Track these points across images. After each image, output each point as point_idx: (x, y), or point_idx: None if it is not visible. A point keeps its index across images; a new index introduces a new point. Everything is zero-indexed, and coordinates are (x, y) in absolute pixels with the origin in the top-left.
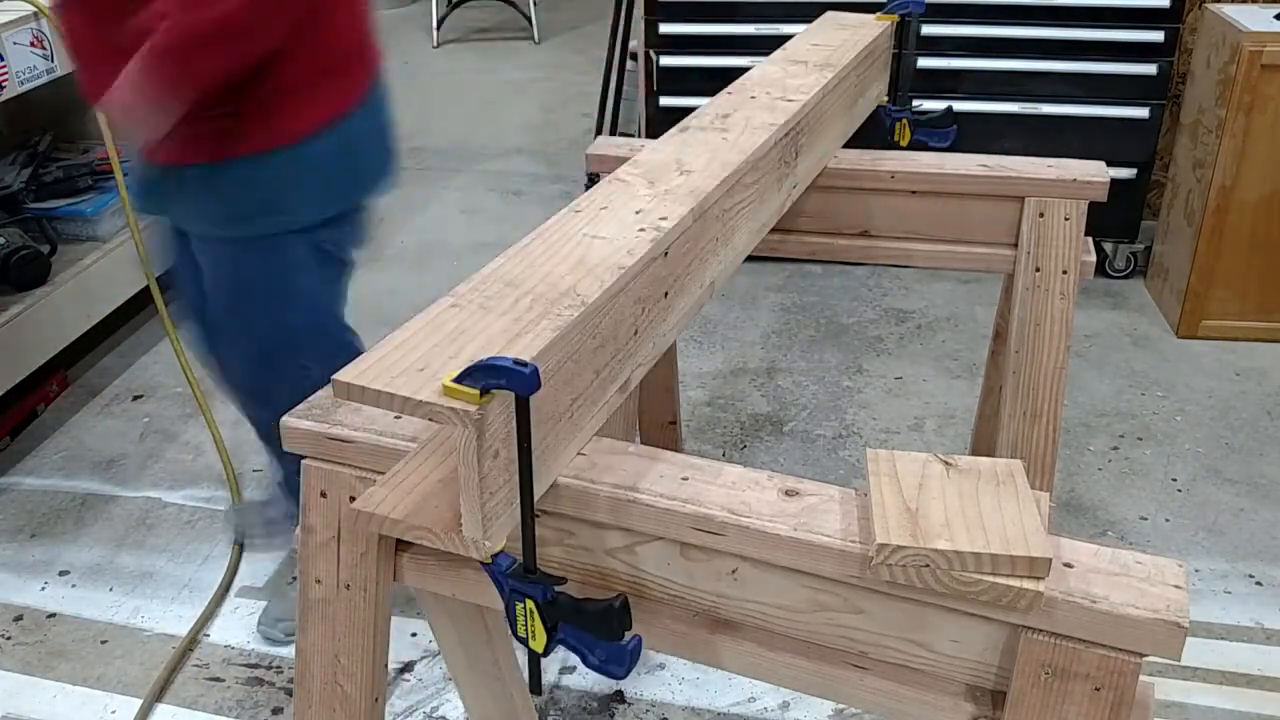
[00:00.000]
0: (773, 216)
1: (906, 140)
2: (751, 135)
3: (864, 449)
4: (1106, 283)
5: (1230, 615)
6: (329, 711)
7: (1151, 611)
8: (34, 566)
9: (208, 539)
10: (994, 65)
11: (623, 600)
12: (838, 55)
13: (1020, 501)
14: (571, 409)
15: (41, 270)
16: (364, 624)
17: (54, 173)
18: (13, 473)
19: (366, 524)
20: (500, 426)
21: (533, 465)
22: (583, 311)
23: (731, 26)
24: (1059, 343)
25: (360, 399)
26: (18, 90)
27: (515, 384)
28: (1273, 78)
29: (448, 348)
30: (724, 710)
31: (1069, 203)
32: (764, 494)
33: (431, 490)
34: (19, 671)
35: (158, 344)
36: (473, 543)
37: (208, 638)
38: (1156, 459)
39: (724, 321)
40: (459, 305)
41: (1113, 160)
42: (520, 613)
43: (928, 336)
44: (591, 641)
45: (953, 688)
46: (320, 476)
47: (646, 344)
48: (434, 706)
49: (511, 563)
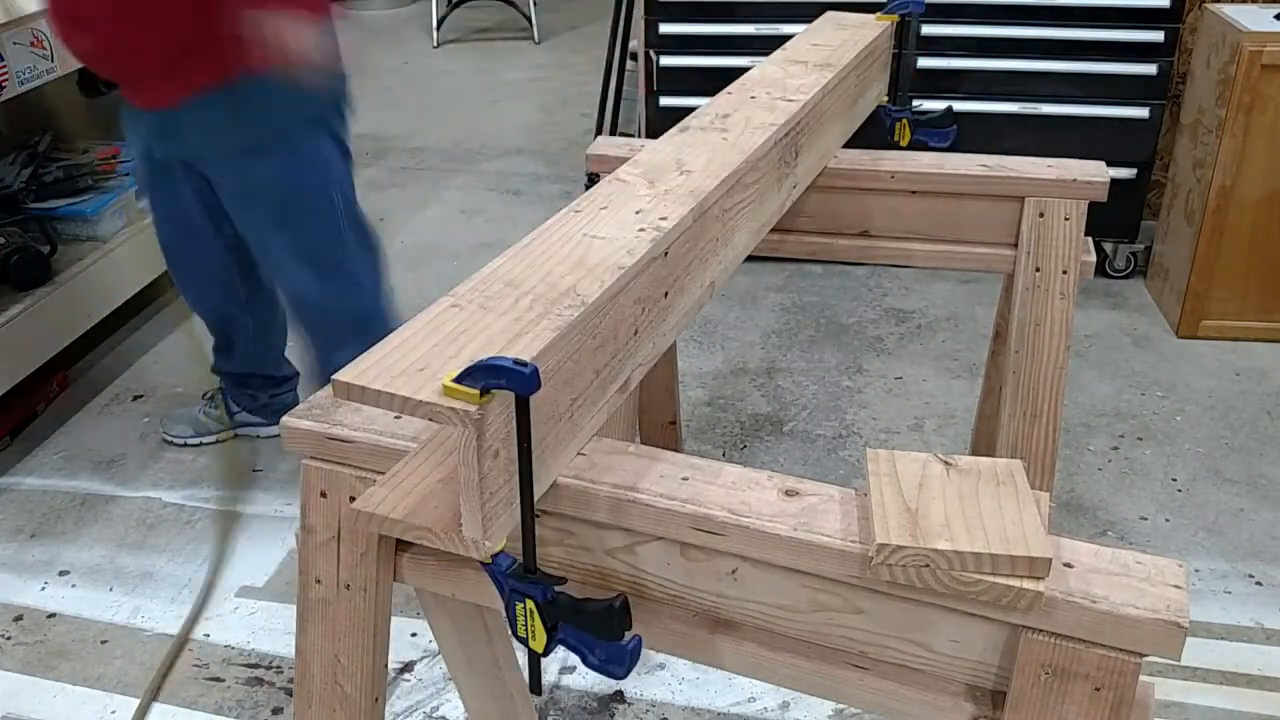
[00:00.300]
0: (773, 216)
1: (906, 140)
2: (751, 135)
3: (864, 449)
4: (1106, 283)
5: (1230, 615)
6: (329, 711)
7: (1151, 611)
8: (34, 566)
9: (208, 539)
10: (994, 65)
11: (623, 600)
12: (838, 55)
13: (1020, 501)
14: (571, 409)
15: (41, 270)
16: (364, 624)
17: (54, 173)
18: (13, 473)
19: (366, 524)
20: (500, 426)
21: (533, 465)
22: (583, 311)
23: (731, 26)
24: (1059, 343)
25: (360, 399)
26: (18, 90)
27: (515, 384)
28: (1273, 78)
29: (448, 348)
30: (724, 710)
31: (1069, 203)
32: (764, 494)
33: (431, 490)
34: (19, 671)
35: (158, 344)
36: (473, 543)
37: (208, 638)
38: (1156, 459)
39: (724, 321)
40: (459, 305)
41: (1113, 160)
42: (520, 613)
43: (928, 336)
44: (591, 641)
45: (953, 688)
46: (320, 476)
47: (646, 344)
48: (434, 706)
49: (511, 563)
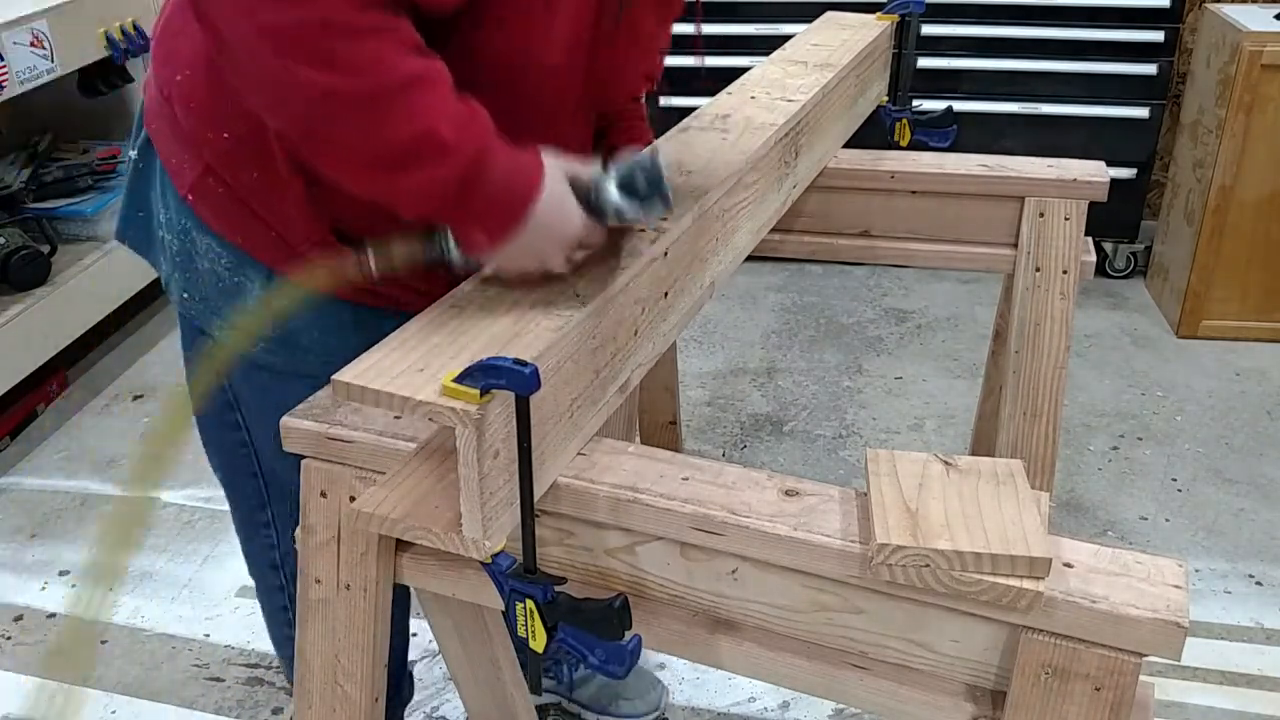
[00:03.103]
0: (773, 216)
1: (906, 140)
2: (752, 135)
3: (864, 449)
4: (1106, 283)
5: (1230, 615)
6: (329, 711)
7: (1151, 611)
8: (34, 566)
9: (208, 539)
10: (994, 65)
11: (623, 600)
12: (837, 55)
13: (1020, 501)
14: (571, 409)
15: (41, 270)
16: (364, 624)
17: (54, 173)
18: (13, 473)
19: (366, 524)
20: (500, 426)
21: (533, 465)
22: (583, 312)
23: (731, 26)
24: (1059, 343)
25: (360, 399)
26: (18, 90)
27: (515, 384)
28: (1273, 78)
29: (447, 348)
30: (724, 710)
31: (1069, 203)
32: (764, 494)
33: (431, 490)
34: (19, 671)
35: (158, 344)
36: (473, 542)
37: (208, 638)
38: (1156, 459)
39: (724, 321)
40: (459, 306)
41: (1113, 160)
42: (520, 613)
43: (928, 336)
44: (592, 641)
45: (953, 688)
46: (320, 476)
47: (646, 344)
48: (434, 706)
49: (511, 563)
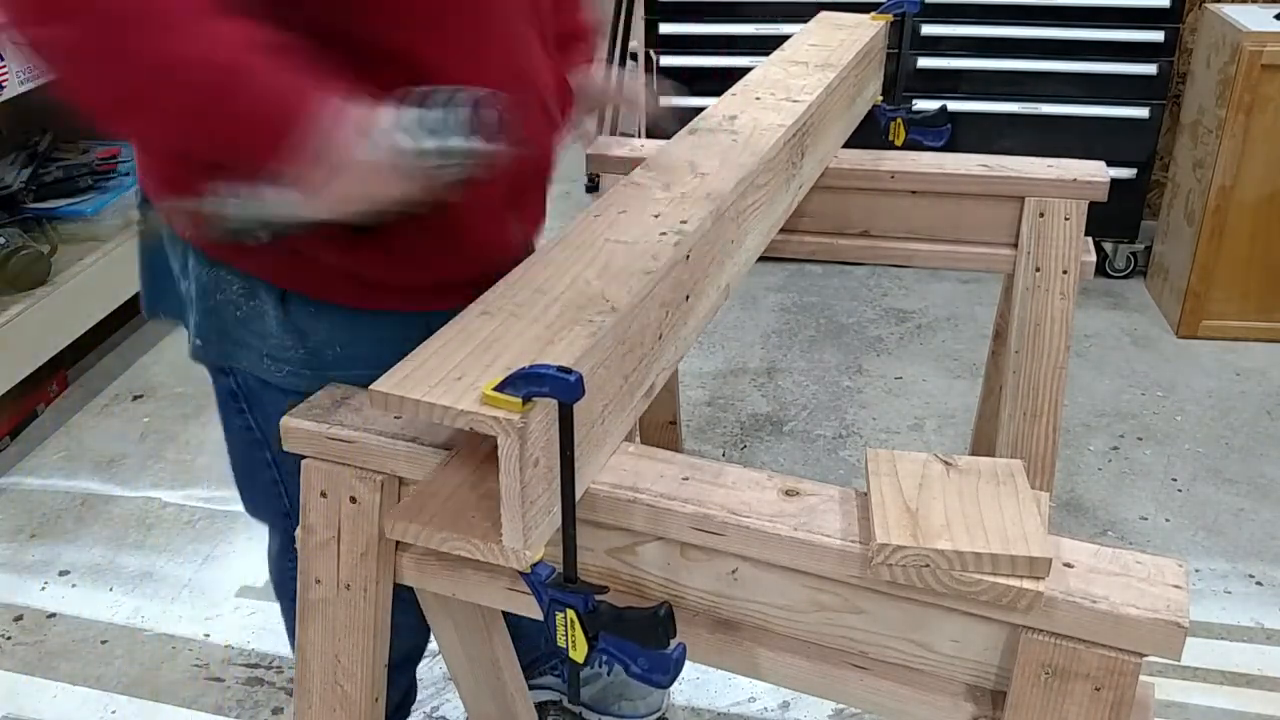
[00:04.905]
0: (782, 217)
1: (901, 139)
2: (761, 136)
3: (864, 449)
4: (1106, 283)
5: (1230, 615)
6: (329, 711)
7: (1151, 611)
8: (34, 566)
9: (208, 539)
10: (994, 65)
11: (668, 608)
12: (837, 55)
13: (1020, 501)
14: (603, 415)
15: (41, 270)
16: (364, 624)
17: (54, 173)
18: (13, 473)
19: (403, 534)
20: (541, 434)
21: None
22: (616, 317)
23: (731, 26)
24: (1059, 343)
25: (399, 409)
26: (18, 90)
27: (559, 391)
28: (1273, 78)
29: (482, 356)
30: (724, 710)
31: (1069, 203)
32: (764, 494)
33: (466, 501)
34: (19, 671)
35: (158, 344)
36: (513, 552)
37: (208, 638)
38: (1156, 459)
39: (724, 321)
40: (489, 313)
41: (1113, 160)
42: (560, 622)
43: (928, 336)
44: (634, 650)
45: (953, 688)
46: (320, 476)
47: (670, 348)
48: (434, 707)
49: (551, 572)
